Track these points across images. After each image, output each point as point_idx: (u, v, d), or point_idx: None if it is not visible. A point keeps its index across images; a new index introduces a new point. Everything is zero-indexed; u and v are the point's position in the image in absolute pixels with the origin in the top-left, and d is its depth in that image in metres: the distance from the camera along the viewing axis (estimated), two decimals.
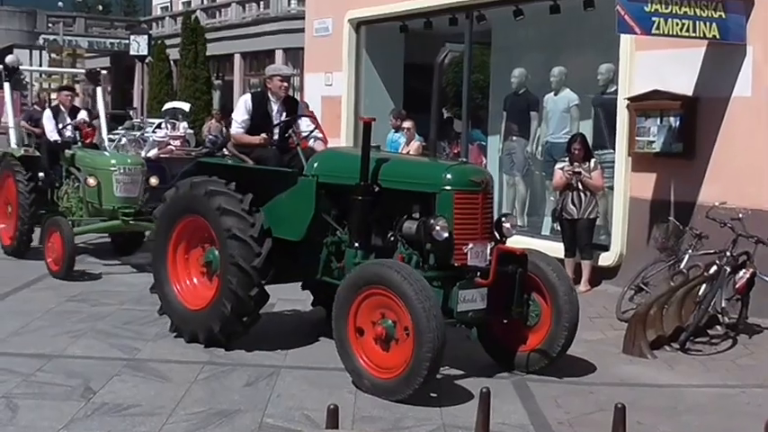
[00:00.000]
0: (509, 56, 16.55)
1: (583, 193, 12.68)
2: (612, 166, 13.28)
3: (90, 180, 13.53)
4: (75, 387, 7.88)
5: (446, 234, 8.09)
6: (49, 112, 15.27)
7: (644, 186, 12.69)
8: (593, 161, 12.83)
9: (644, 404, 7.92)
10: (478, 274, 8.22)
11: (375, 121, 8.92)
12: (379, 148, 9.68)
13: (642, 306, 10.11)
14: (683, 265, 11.02)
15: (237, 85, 49.99)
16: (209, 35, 46.82)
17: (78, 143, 14.63)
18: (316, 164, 9.24)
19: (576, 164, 12.71)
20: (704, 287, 10.15)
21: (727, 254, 10.16)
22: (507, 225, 8.65)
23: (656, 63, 12.51)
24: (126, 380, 8.17)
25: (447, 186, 8.30)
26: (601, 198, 13.16)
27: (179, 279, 9.74)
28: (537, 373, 8.58)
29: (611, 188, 13.34)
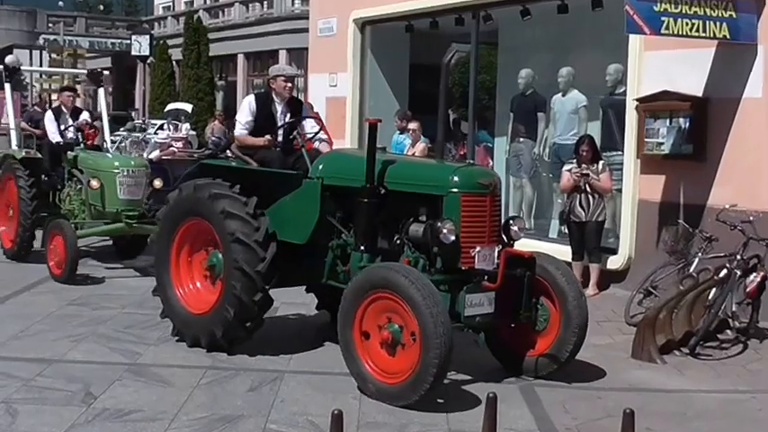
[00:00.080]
0: (516, 56, 16.55)
1: (591, 196, 12.67)
2: (621, 168, 13.27)
3: (93, 182, 13.50)
4: (76, 392, 7.88)
5: (453, 237, 8.07)
6: (50, 114, 15.27)
7: (653, 189, 12.68)
8: (601, 163, 12.82)
9: (653, 410, 7.91)
10: (486, 277, 8.22)
11: (381, 122, 8.92)
12: (385, 149, 9.68)
13: (651, 310, 10.10)
14: (692, 269, 11.00)
15: (241, 85, 50.01)
16: (211, 35, 46.83)
17: (81, 145, 14.61)
18: (321, 166, 9.23)
19: (584, 166, 12.69)
20: (714, 291, 10.14)
21: (738, 257, 10.15)
22: (515, 228, 8.63)
23: (665, 63, 12.50)
24: (127, 385, 8.16)
25: (454, 189, 8.28)
26: (609, 200, 13.15)
27: (181, 282, 9.72)
28: (545, 378, 8.57)
29: (619, 190, 13.33)
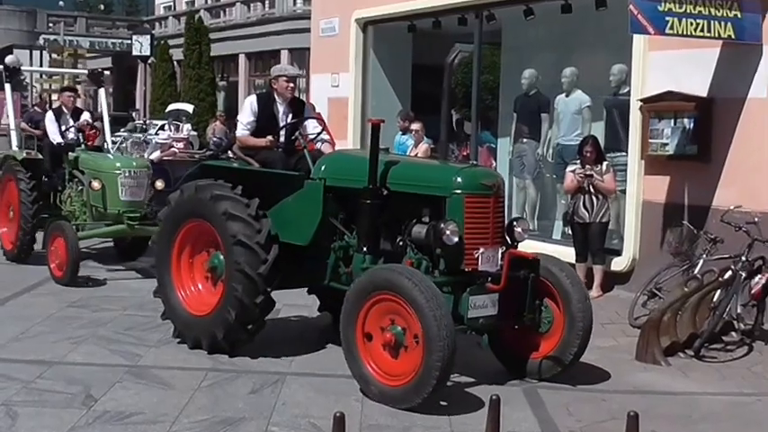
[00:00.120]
0: (519, 56, 16.56)
1: (595, 197, 12.66)
2: (625, 169, 13.26)
3: (94, 183, 13.48)
4: (76, 394, 7.88)
5: (456, 238, 8.06)
6: (51, 115, 15.21)
7: (657, 190, 12.68)
8: (605, 164, 12.82)
9: (657, 412, 7.91)
10: (489, 279, 8.21)
11: (384, 122, 8.92)
12: (388, 150, 9.68)
13: (655, 312, 10.09)
14: (697, 271, 10.98)
15: (242, 86, 50.07)
16: (213, 35, 46.87)
17: (82, 146, 14.57)
18: (323, 167, 9.22)
19: (588, 167, 12.69)
20: (719, 293, 10.14)
21: (743, 259, 10.14)
22: (519, 229, 8.63)
23: (669, 64, 12.49)
24: (128, 387, 8.16)
25: (457, 190, 8.28)
26: (613, 202, 13.14)
27: (183, 284, 9.72)
28: (549, 380, 8.57)
29: (623, 191, 13.32)
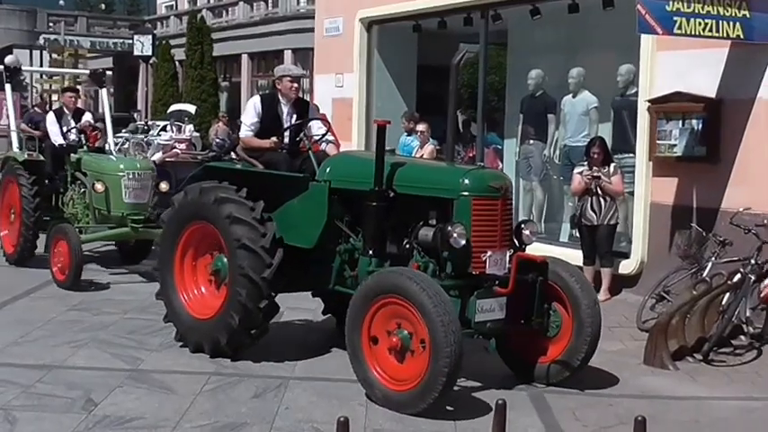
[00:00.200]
0: (526, 57, 16.55)
1: (602, 199, 12.66)
2: (633, 171, 13.26)
3: (97, 185, 13.46)
4: (76, 399, 7.89)
5: (464, 241, 8.07)
6: (52, 116, 15.16)
7: (665, 192, 12.67)
8: (612, 165, 12.81)
9: (665, 417, 7.91)
10: (497, 282, 8.20)
11: (390, 124, 8.92)
12: (394, 151, 9.68)
13: (663, 315, 10.09)
14: (705, 273, 10.98)
15: (245, 86, 50.11)
16: (215, 35, 46.96)
17: (84, 147, 14.54)
18: (328, 168, 9.22)
19: (596, 168, 12.68)
20: (728, 296, 10.14)
21: (752, 261, 10.13)
22: (527, 232, 8.63)
23: (677, 64, 12.49)
24: (129, 391, 8.17)
25: (465, 192, 8.28)
26: (621, 204, 13.14)
27: (186, 286, 9.73)
28: (555, 385, 8.57)
29: (631, 193, 13.32)
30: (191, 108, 38.45)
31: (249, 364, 9.10)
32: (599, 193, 12.65)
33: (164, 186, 13.97)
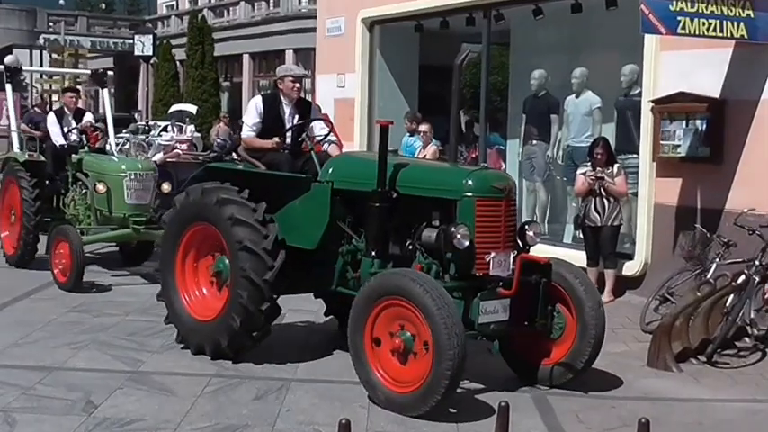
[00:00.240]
0: (528, 57, 16.56)
1: (606, 200, 12.65)
2: (636, 172, 13.26)
3: (99, 186, 13.41)
4: (76, 401, 7.89)
5: (467, 242, 8.06)
6: (53, 116, 15.13)
7: (669, 192, 12.68)
8: (616, 166, 12.80)
9: (669, 419, 7.91)
10: (501, 284, 8.20)
11: (393, 124, 8.91)
12: (397, 152, 9.68)
13: (667, 317, 10.09)
14: (710, 275, 10.97)
15: (246, 86, 50.09)
16: (216, 35, 46.96)
17: (85, 147, 14.50)
18: (330, 169, 9.21)
19: (599, 169, 12.68)
20: (732, 297, 10.13)
21: (756, 263, 10.12)
22: (531, 233, 8.60)
23: (681, 64, 12.50)
24: (129, 393, 8.17)
25: (468, 193, 8.26)
26: (624, 205, 13.14)
27: (187, 288, 9.72)
28: (558, 387, 8.56)
29: (635, 194, 13.33)
30: (192, 108, 38.46)
31: (250, 366, 9.10)
32: (602, 193, 12.65)
33: (166, 187, 13.93)
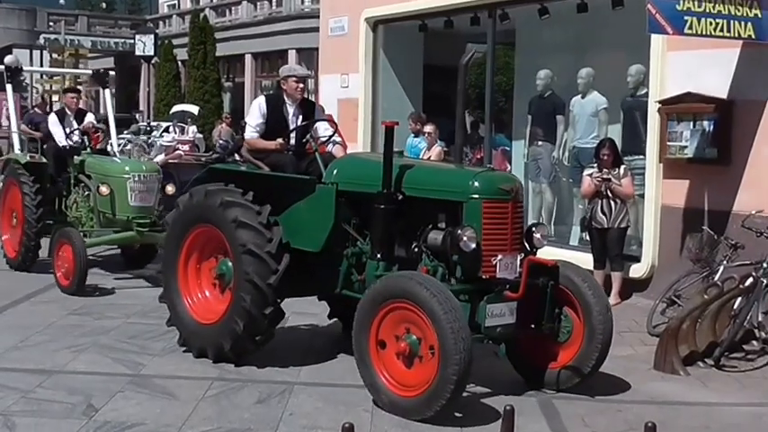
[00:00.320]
0: (534, 57, 16.56)
1: (613, 201, 12.64)
2: (643, 173, 13.27)
3: (102, 188, 13.40)
4: (77, 404, 7.90)
5: (474, 245, 8.04)
6: (54, 117, 15.11)
7: (676, 194, 12.68)
8: (622, 167, 12.81)
9: (676, 423, 7.92)
10: (507, 287, 8.19)
11: (398, 125, 8.90)
12: (402, 153, 9.66)
13: (674, 320, 10.09)
14: (717, 277, 10.98)
15: (249, 86, 50.10)
16: (218, 35, 46.87)
17: (87, 149, 14.50)
18: (335, 170, 9.22)
19: (605, 170, 12.69)
20: (740, 300, 10.13)
21: (764, 265, 10.11)
22: (538, 235, 8.59)
23: (688, 64, 12.50)
24: (130, 397, 8.18)
25: (475, 195, 8.26)
26: (631, 206, 13.14)
27: (189, 290, 9.72)
28: (564, 390, 8.56)
29: (641, 196, 13.33)
30: (194, 109, 38.40)
31: (253, 370, 9.10)
32: (609, 195, 12.65)
33: (170, 189, 13.89)
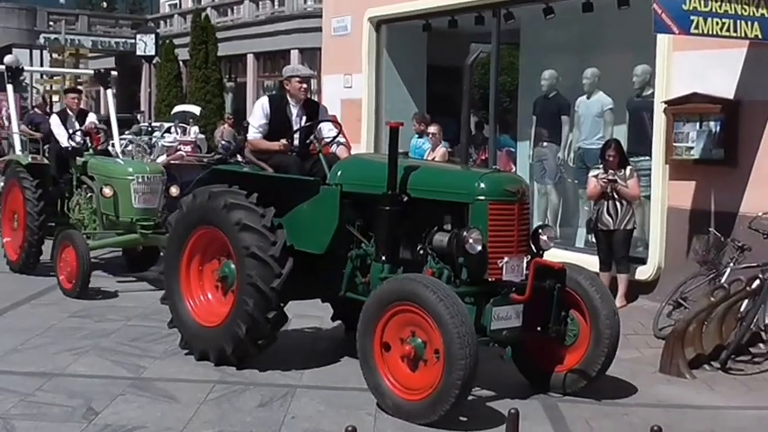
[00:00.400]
0: (539, 57, 16.56)
1: (619, 203, 12.65)
2: (649, 174, 13.26)
3: (105, 190, 13.35)
4: (77, 407, 7.90)
5: (480, 247, 8.03)
6: (56, 118, 15.09)
7: (683, 195, 12.68)
8: (628, 168, 12.81)
9: (682, 427, 7.92)
10: (514, 289, 8.18)
11: (403, 125, 8.89)
12: (407, 154, 9.66)
13: (681, 323, 10.09)
14: (724, 280, 10.97)
15: (251, 87, 50.10)
16: (220, 34, 46.90)
17: (89, 150, 14.48)
18: (339, 172, 9.22)
19: (611, 171, 12.68)
20: (746, 303, 10.13)
21: None
22: (544, 237, 8.58)
23: (694, 64, 12.50)
24: (130, 400, 8.18)
25: (481, 196, 8.25)
26: (637, 208, 13.13)
27: (192, 292, 9.71)
28: (570, 393, 8.56)
29: (647, 197, 13.32)
30: (195, 109, 38.46)
31: (255, 373, 9.10)
32: (615, 196, 12.65)
33: (174, 191, 13.82)
